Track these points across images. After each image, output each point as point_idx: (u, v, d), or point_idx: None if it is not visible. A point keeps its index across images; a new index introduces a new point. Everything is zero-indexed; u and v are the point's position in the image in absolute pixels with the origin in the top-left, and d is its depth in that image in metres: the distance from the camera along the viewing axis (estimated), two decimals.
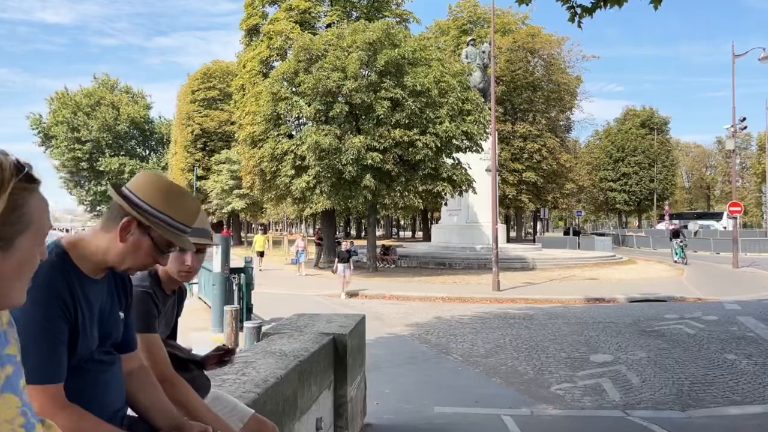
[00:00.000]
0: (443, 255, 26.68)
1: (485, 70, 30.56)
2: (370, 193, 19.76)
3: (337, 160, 19.36)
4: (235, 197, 41.94)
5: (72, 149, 58.09)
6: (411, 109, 19.58)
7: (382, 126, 19.79)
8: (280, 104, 21.20)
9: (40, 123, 60.08)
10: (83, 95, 60.18)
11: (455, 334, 10.41)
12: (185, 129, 49.41)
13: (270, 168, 22.57)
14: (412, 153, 19.86)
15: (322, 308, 13.53)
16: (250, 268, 11.81)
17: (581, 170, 49.42)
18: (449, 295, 15.99)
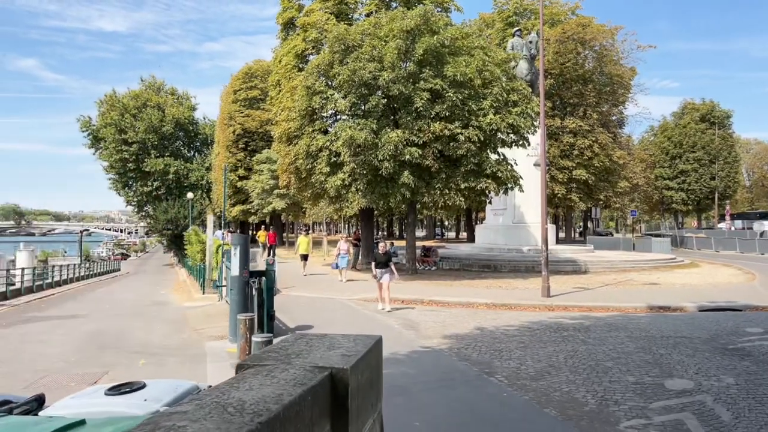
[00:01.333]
0: (488, 257, 25.19)
1: (532, 62, 28.90)
2: (408, 191, 18.52)
3: (373, 156, 18.19)
4: (276, 197, 41.39)
5: (119, 150, 59.01)
6: (452, 101, 18.24)
7: (421, 119, 18.52)
8: (314, 98, 20.19)
9: (89, 126, 61.33)
10: (130, 97, 61.12)
11: (500, 349, 9.06)
12: (227, 129, 49.35)
13: (305, 165, 21.62)
14: (453, 148, 18.52)
15: (352, 316, 12.39)
16: (272, 271, 10.76)
17: (635, 167, 46.78)
18: (494, 301, 14.60)
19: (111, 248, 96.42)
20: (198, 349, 9.67)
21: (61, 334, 11.58)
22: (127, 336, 11.32)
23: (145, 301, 18.53)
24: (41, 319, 14.33)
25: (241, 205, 47.70)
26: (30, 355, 9.62)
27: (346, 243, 20.10)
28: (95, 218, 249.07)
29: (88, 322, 13.47)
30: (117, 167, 60.72)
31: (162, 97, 62.70)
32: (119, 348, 10.16)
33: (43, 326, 12.90)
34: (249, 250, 10.44)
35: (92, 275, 41.20)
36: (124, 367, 8.71)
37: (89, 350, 9.95)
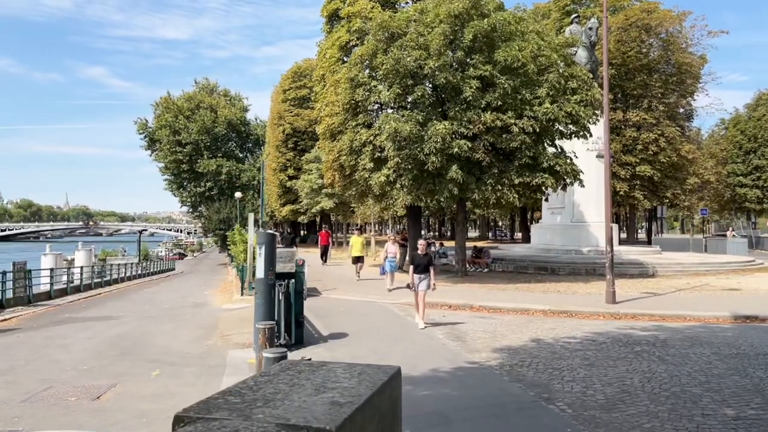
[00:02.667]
0: (544, 258, 23.54)
1: (592, 50, 26.98)
2: (456, 187, 17.23)
3: (419, 150, 17.01)
4: (324, 196, 40.79)
5: (174, 152, 60.06)
6: (504, 89, 16.84)
7: (471, 110, 17.20)
8: (357, 91, 19.18)
9: (146, 128, 62.78)
10: (184, 99, 62.18)
11: (560, 368, 7.71)
12: (277, 129, 49.22)
13: (348, 162, 20.65)
14: (506, 140, 17.11)
15: (391, 323, 11.25)
16: (301, 273, 9.76)
17: (705, 163, 43.59)
18: (551, 307, 13.14)
19: (170, 248, 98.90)
20: (219, 359, 8.76)
21: (85, 338, 10.96)
22: (150, 341, 10.58)
23: (185, 303, 17.99)
24: (75, 320, 13.89)
25: (291, 205, 47.41)
26: (44, 362, 8.96)
27: (394, 245, 17.66)
28: (158, 219, 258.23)
29: (118, 325, 12.89)
30: (172, 168, 61.87)
31: (215, 98, 63.51)
32: (138, 355, 9.39)
33: (72, 329, 12.38)
34: (276, 249, 9.46)
35: (146, 274, 41.72)
36: (136, 379, 7.88)
37: (107, 357, 9.22)
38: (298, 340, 9.57)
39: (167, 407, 6.54)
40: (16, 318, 14.25)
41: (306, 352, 9.08)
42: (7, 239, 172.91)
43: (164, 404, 6.52)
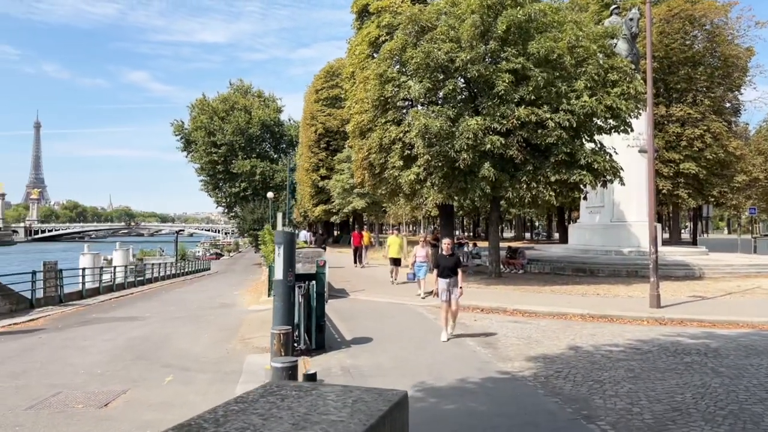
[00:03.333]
0: (582, 259, 22.60)
1: (633, 42, 25.87)
2: (489, 185, 16.53)
3: (450, 147, 16.38)
4: (356, 196, 40.43)
5: (209, 153, 60.72)
6: (538, 82, 16.07)
7: (504, 104, 16.47)
8: (386, 87, 18.64)
9: (182, 129, 63.66)
10: (219, 101, 62.82)
11: (602, 380, 7.03)
12: (309, 129, 49.12)
13: (378, 160, 20.15)
14: (541, 135, 16.32)
15: (420, 327, 10.68)
16: (322, 274, 9.29)
17: (754, 159, 41.59)
18: (590, 311, 12.37)
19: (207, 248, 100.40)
20: (236, 364, 8.36)
21: (105, 340, 10.73)
22: (169, 344, 10.27)
23: (213, 303, 17.78)
24: (100, 321, 13.77)
25: (324, 205, 47.19)
26: (59, 365, 8.72)
27: (424, 248, 15.85)
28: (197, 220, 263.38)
29: (141, 326, 12.67)
30: (207, 169, 62.60)
31: (249, 99, 63.98)
32: (155, 359, 9.07)
33: (95, 330, 12.21)
34: (295, 249, 9.01)
35: (181, 274, 42.08)
36: (148, 385, 7.52)
37: (123, 361, 8.92)
38: (319, 344, 9.10)
39: (173, 418, 6.13)
40: (43, 318, 14.22)
41: (325, 358, 8.60)
42: (54, 239, 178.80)
43: (171, 415, 6.12)
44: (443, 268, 9.67)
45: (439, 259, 9.99)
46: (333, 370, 7.94)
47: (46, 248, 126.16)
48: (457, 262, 10.07)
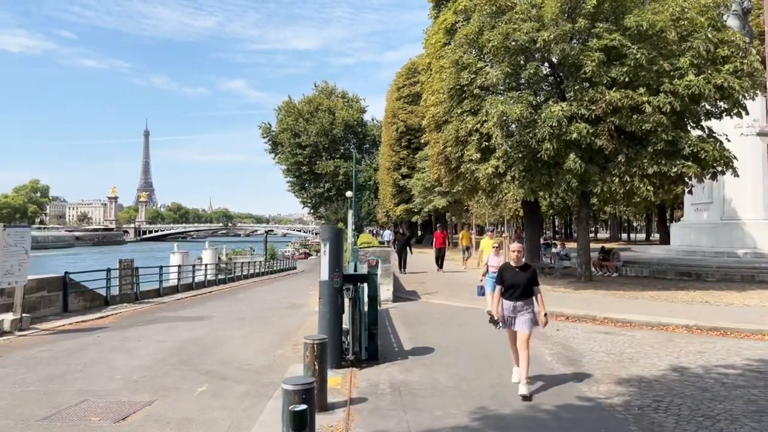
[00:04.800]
0: (687, 262, 20.17)
1: (745, 18, 22.97)
2: (575, 179, 14.84)
3: (531, 136, 14.86)
4: (437, 195, 39.22)
5: (294, 154, 61.69)
6: (635, 60, 14.21)
7: (593, 87, 14.73)
8: (462, 74, 17.35)
9: (269, 131, 65.15)
10: (304, 102, 63.70)
11: (714, 415, 5.49)
12: (390, 127, 48.52)
13: (454, 153, 18.90)
14: (636, 121, 14.43)
15: (490, 337, 9.41)
16: (374, 275, 8.26)
17: None
18: (698, 322, 10.51)
19: (297, 248, 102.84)
20: (278, 375, 7.50)
21: (157, 342, 10.30)
22: (218, 349, 9.65)
23: (283, 303, 17.28)
24: (164, 320, 13.53)
25: (405, 204, 46.37)
26: (100, 368, 8.26)
27: (498, 255, 11.43)
28: (290, 220, 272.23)
29: (200, 327, 12.24)
30: (293, 170, 63.65)
31: (333, 100, 64.38)
32: (197, 364, 8.43)
33: (154, 330, 11.89)
34: (342, 247, 8.05)
35: (266, 272, 42.70)
36: (177, 396, 6.83)
37: (164, 366, 8.35)
38: (371, 355, 8.07)
39: None
40: (113, 316, 14.21)
41: (376, 371, 7.55)
42: (159, 239, 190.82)
43: None
44: (510, 286, 6.58)
45: (504, 272, 6.72)
46: (381, 386, 6.88)
47: (151, 247, 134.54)
48: (533, 278, 6.65)
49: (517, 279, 6.58)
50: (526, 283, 6.55)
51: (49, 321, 12.72)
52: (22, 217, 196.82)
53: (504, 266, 6.89)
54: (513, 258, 6.79)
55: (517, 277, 6.59)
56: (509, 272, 6.68)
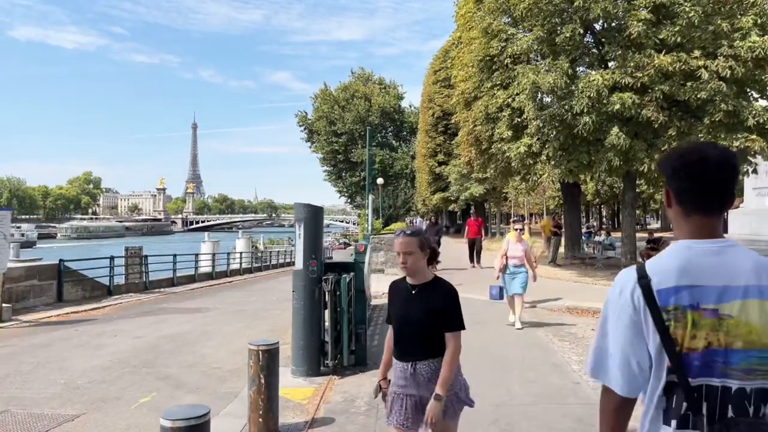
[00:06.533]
0: None
1: None
2: (618, 156, 13.05)
3: (567, 108, 13.14)
4: (474, 182, 37.37)
5: (330, 142, 60.64)
6: (688, 19, 12.30)
7: (639, 51, 12.88)
8: (492, 43, 15.72)
9: (305, 120, 64.29)
10: (340, 90, 62.46)
11: None
12: (427, 112, 46.76)
13: (484, 132, 17.27)
14: (690, 90, 12.52)
15: (513, 340, 7.93)
16: (361, 264, 6.86)
17: None
18: None
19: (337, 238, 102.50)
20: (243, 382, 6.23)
21: (135, 337, 9.24)
22: (195, 347, 8.48)
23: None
24: (161, 311, 12.55)
25: (441, 193, 44.61)
26: (49, 370, 7.22)
27: (519, 242, 9.27)
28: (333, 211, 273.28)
29: (191, 321, 11.17)
30: (329, 159, 62.64)
31: (369, 87, 62.91)
32: (159, 368, 7.27)
33: (138, 323, 10.87)
34: (321, 229, 6.69)
35: None
36: (113, 408, 5.65)
37: (121, 368, 7.22)
38: (358, 360, 6.71)
39: None
40: (111, 307, 13.34)
41: (357, 381, 6.20)
42: (206, 229, 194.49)
43: None
44: (399, 324, 3.10)
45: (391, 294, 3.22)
46: (358, 402, 5.51)
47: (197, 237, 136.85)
48: (444, 308, 2.99)
49: (410, 310, 3.00)
50: (425, 321, 2.96)
51: (37, 312, 11.90)
52: (76, 207, 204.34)
53: (392, 285, 3.24)
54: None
55: (412, 305, 3.00)
56: (398, 294, 3.13)
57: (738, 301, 1.49)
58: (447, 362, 2.94)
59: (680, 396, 1.51)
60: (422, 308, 2.95)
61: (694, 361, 1.50)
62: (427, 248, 3.03)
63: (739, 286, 1.50)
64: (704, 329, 1.50)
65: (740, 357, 1.49)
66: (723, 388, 1.49)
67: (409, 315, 2.99)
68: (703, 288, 1.50)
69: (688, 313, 1.50)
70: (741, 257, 1.55)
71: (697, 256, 1.55)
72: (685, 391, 1.49)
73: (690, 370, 1.50)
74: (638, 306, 1.54)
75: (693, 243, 1.58)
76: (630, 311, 1.55)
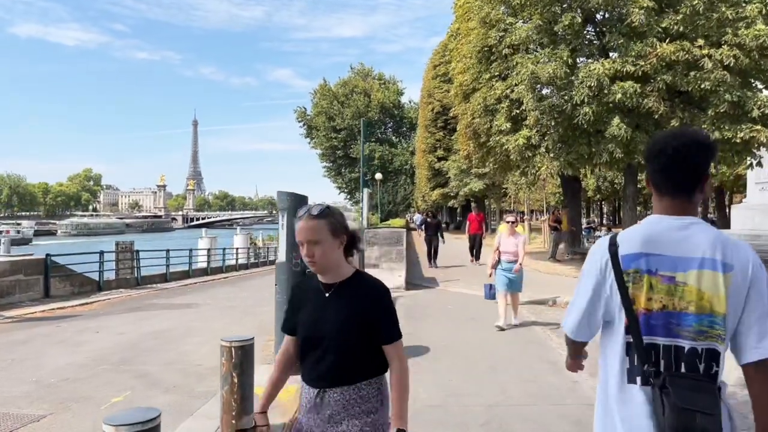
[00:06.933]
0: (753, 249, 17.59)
1: None
2: (620, 148, 12.71)
3: (566, 99, 12.80)
4: (473, 178, 37.06)
5: (329, 138, 60.28)
6: (691, 7, 11.95)
7: (642, 39, 12.53)
8: (490, 33, 15.38)
9: (304, 116, 63.92)
10: (339, 85, 62.10)
11: None
12: (426, 107, 46.41)
13: (482, 125, 16.94)
14: (693, 79, 12.18)
15: (504, 342, 7.62)
16: None
17: None
18: None
19: None
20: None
21: (115, 334, 8.92)
22: (177, 344, 8.17)
23: None
24: (149, 307, 12.22)
25: (441, 189, 44.26)
26: (23, 368, 6.90)
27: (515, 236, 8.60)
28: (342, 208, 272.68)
29: (178, 317, 10.85)
30: (328, 155, 62.31)
31: (369, 82, 62.52)
32: (137, 365, 6.96)
33: (126, 319, 10.55)
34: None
35: None
36: (82, 408, 5.35)
37: (98, 366, 6.91)
38: None
39: None
40: (99, 302, 13.01)
41: None
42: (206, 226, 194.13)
43: None
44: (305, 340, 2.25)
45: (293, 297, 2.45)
46: None
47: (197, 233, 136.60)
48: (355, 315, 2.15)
49: (322, 319, 2.19)
50: (343, 333, 2.15)
51: (20, 307, 11.57)
52: (76, 204, 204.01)
53: (296, 285, 2.53)
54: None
55: (325, 312, 2.20)
56: (303, 297, 2.34)
57: (694, 271, 1.67)
58: (397, 388, 2.14)
59: (639, 354, 1.69)
60: (340, 316, 2.13)
61: (650, 320, 1.69)
62: (343, 234, 2.20)
63: (696, 257, 1.67)
64: (660, 293, 1.69)
65: (692, 320, 1.66)
66: (676, 348, 1.68)
67: (320, 325, 2.16)
68: (662, 257, 1.68)
69: (645, 277, 1.69)
70: (702, 233, 1.71)
71: (663, 229, 1.73)
72: (641, 349, 1.68)
73: (645, 328, 1.69)
74: (604, 269, 1.75)
75: (661, 218, 1.76)
76: (596, 274, 1.77)
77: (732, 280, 1.66)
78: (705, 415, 1.59)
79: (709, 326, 1.66)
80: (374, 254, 12.94)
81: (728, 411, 1.70)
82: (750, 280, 1.67)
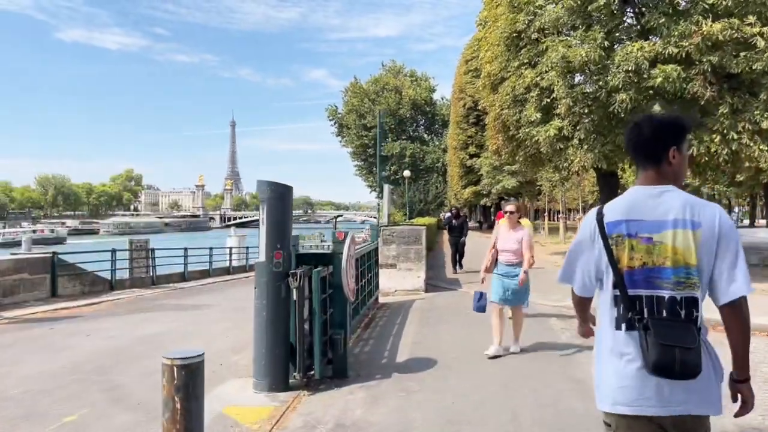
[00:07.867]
0: None
1: None
2: None
3: (601, 85, 11.72)
4: (506, 175, 35.88)
5: (360, 136, 59.64)
6: None
7: (685, 18, 11.37)
8: (519, 17, 14.39)
9: (336, 114, 63.43)
10: (371, 83, 61.34)
11: None
12: (458, 103, 45.30)
13: (511, 116, 15.92)
14: (743, 61, 10.97)
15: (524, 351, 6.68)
16: (338, 255, 5.73)
17: None
18: None
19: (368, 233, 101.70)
20: None
21: (106, 337, 8.35)
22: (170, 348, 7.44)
23: None
24: (154, 309, 11.68)
25: (473, 186, 43.09)
26: (5, 371, 6.32)
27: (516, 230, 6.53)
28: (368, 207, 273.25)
29: (180, 319, 10.27)
30: (359, 153, 61.68)
31: (400, 80, 61.61)
32: (109, 376, 6.33)
33: (121, 322, 10.00)
34: (290, 213, 5.59)
35: None
36: (33, 428, 4.69)
37: (69, 376, 6.30)
38: (337, 371, 5.59)
39: None
40: (108, 302, 12.55)
41: (328, 399, 5.07)
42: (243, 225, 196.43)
43: None
44: None
45: None
46: (320, 428, 4.39)
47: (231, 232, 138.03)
48: None
49: None
50: None
51: (23, 307, 11.15)
52: (118, 204, 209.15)
53: None
54: None
55: None
56: None
57: (668, 231, 1.97)
58: None
59: (625, 305, 2.01)
60: None
61: (633, 276, 2.01)
62: None
63: (669, 219, 1.97)
64: (640, 252, 2.00)
65: (670, 273, 1.96)
66: (657, 297, 1.98)
67: None
68: (641, 222, 2.00)
69: (626, 240, 2.01)
70: (674, 199, 2.00)
71: (640, 197, 2.04)
72: (626, 300, 2.00)
73: (629, 282, 2.01)
74: (593, 235, 2.08)
75: (639, 188, 2.08)
76: (587, 239, 2.11)
77: (701, 236, 1.93)
78: (684, 349, 1.85)
79: (686, 277, 1.94)
80: (391, 253, 12.13)
81: (707, 347, 1.96)
82: (718, 235, 1.94)
